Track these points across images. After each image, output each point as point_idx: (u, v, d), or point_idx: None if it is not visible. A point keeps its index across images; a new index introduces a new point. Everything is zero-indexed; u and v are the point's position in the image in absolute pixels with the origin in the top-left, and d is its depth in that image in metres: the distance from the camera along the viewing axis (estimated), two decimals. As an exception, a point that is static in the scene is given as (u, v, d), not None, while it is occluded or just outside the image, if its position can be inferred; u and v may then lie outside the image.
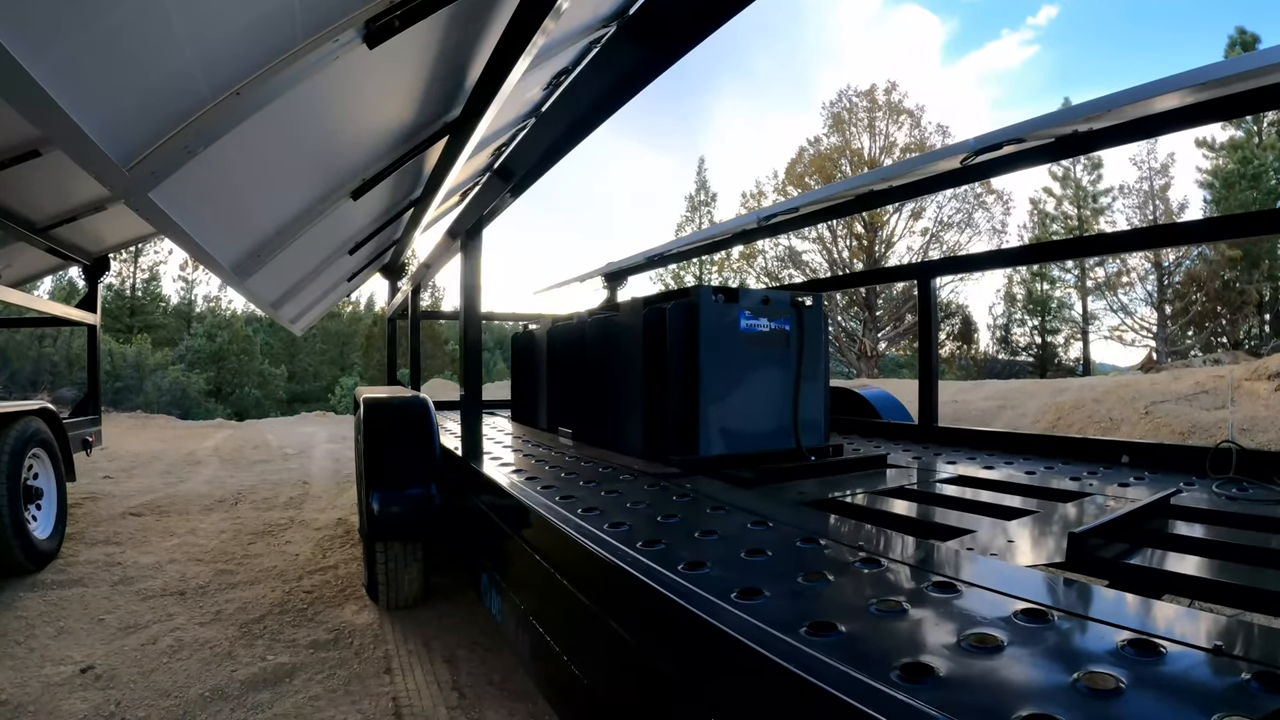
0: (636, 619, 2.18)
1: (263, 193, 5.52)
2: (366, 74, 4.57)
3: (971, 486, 3.88)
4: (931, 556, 2.28)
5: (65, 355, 40.19)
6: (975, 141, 4.75)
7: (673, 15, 2.11)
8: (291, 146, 5.15)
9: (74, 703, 4.67)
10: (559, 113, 2.92)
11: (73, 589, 6.85)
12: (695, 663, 1.86)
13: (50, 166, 7.34)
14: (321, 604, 6.28)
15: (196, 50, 3.24)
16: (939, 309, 11.40)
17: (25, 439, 7.28)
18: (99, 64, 2.85)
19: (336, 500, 11.36)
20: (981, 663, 1.47)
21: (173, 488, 12.80)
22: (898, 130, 48.75)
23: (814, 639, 1.61)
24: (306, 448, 18.70)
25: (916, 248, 47.64)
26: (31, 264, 11.45)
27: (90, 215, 9.46)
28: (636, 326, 4.72)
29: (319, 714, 4.44)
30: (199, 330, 54.91)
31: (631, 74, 2.44)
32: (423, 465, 5.27)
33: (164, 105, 3.35)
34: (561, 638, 2.82)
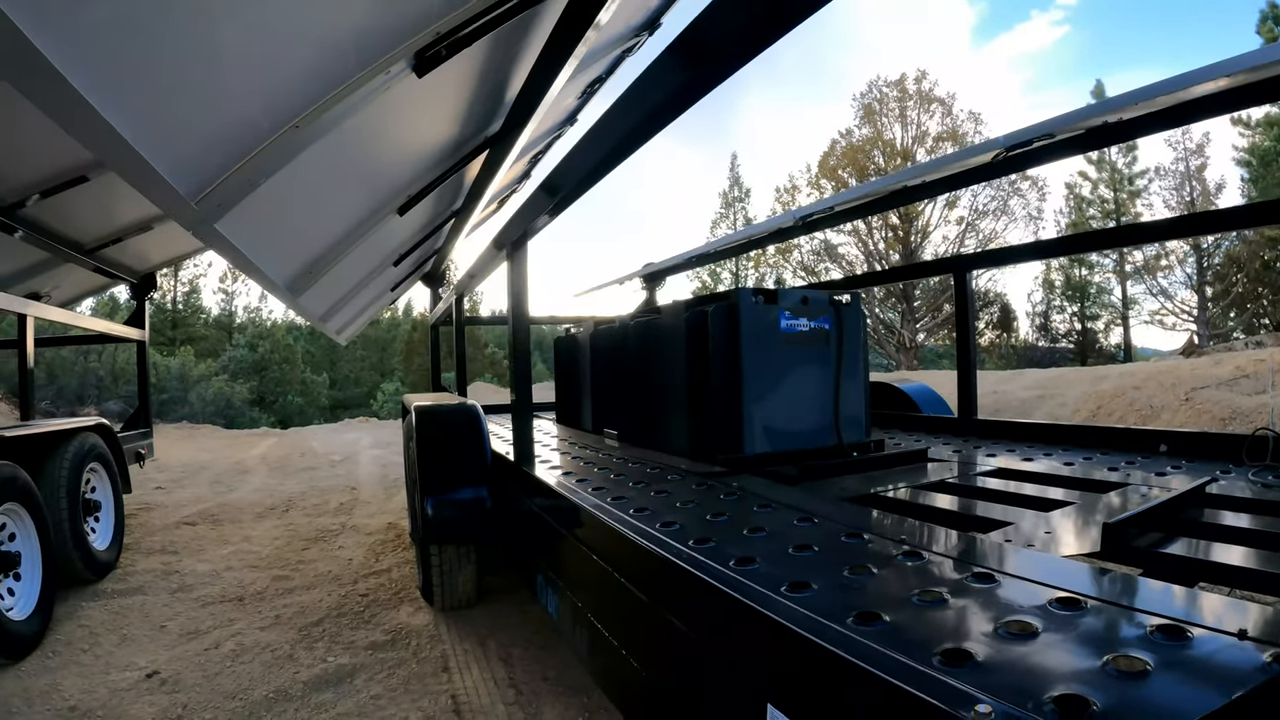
0: (693, 613, 2.27)
1: (315, 214, 5.67)
2: (414, 99, 4.71)
3: (1011, 479, 3.92)
4: (972, 549, 2.36)
5: (110, 369, 40.52)
6: (1006, 139, 4.81)
7: (719, 37, 2.17)
8: (342, 170, 5.29)
9: (142, 707, 4.80)
10: (605, 131, 2.96)
11: (133, 597, 7.00)
12: (751, 652, 1.95)
13: (98, 191, 7.54)
14: (377, 606, 6.40)
15: (260, 91, 3.40)
16: (977, 298, 11.35)
17: (83, 454, 7.47)
18: (172, 109, 3.01)
19: (385, 505, 11.50)
20: (1018, 648, 1.56)
21: (223, 496, 13.00)
22: (929, 119, 48.28)
23: (861, 628, 1.70)
24: (352, 454, 18.88)
25: (952, 237, 47.20)
26: (80, 283, 11.67)
27: (136, 235, 9.65)
28: (679, 329, 4.79)
29: (381, 712, 4.56)
30: (241, 341, 55.24)
31: (678, 94, 2.51)
32: (475, 470, 5.38)
33: (229, 143, 3.50)
34: (620, 633, 2.92)
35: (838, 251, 49.39)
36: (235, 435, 28.28)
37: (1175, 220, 10.29)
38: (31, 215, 7.92)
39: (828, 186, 49.39)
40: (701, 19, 2.14)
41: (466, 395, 8.20)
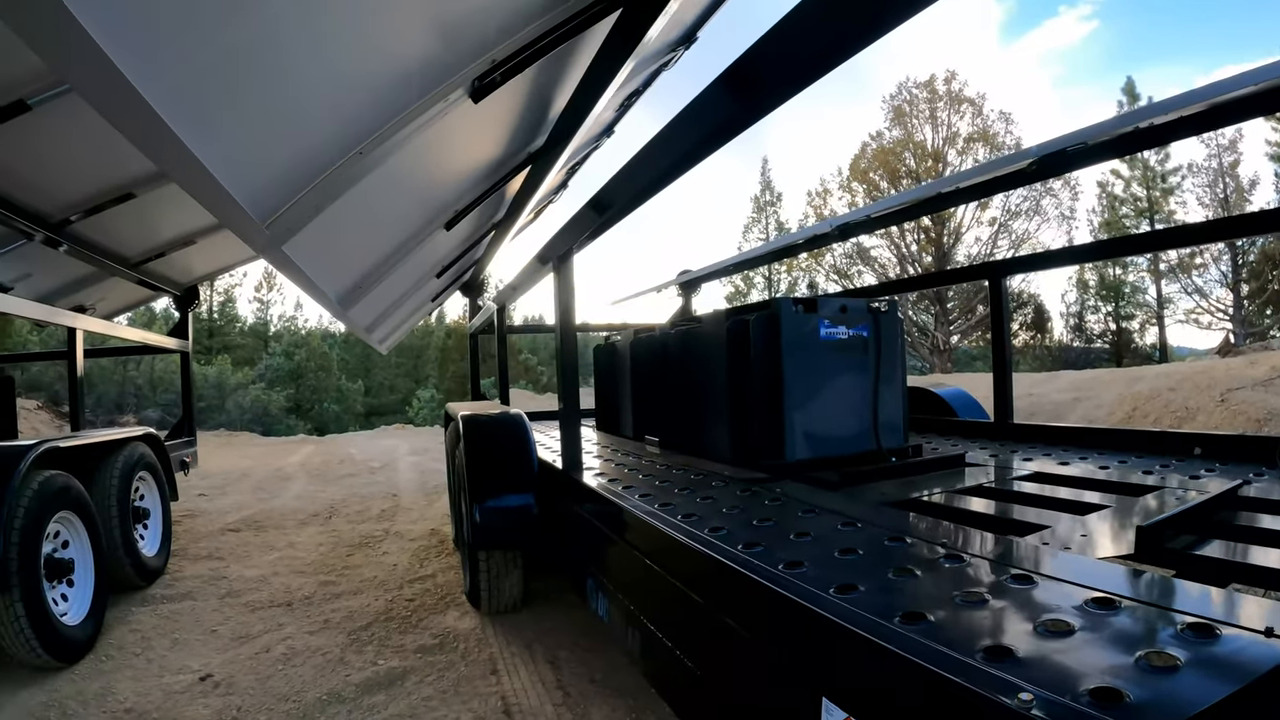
0: (748, 613, 2.36)
1: (369, 232, 5.80)
2: (466, 122, 4.83)
3: (1047, 483, 3.95)
4: (1010, 551, 2.43)
5: (149, 378, 40.87)
6: (1039, 149, 4.88)
7: (770, 70, 2.25)
8: (397, 191, 5.43)
9: (196, 709, 4.91)
10: (654, 155, 3.02)
11: (182, 602, 7.14)
12: (806, 649, 2.05)
13: (142, 207, 7.71)
14: (424, 611, 6.49)
15: (330, 120, 3.55)
16: (1011, 299, 11.39)
17: (133, 463, 7.64)
18: (251, 139, 3.15)
19: (427, 512, 11.58)
20: (1055, 645, 1.65)
21: (266, 503, 13.13)
22: (960, 120, 48.00)
23: (907, 627, 1.80)
24: (390, 461, 18.97)
25: (985, 238, 46.93)
26: (125, 296, 11.84)
27: (180, 250, 9.82)
28: (720, 338, 4.84)
29: (433, 713, 4.64)
30: (277, 349, 55.53)
31: (727, 123, 2.57)
32: (522, 477, 5.44)
33: (299, 169, 3.64)
34: (673, 633, 3.00)
35: (870, 254, 49.21)
36: (273, 442, 28.49)
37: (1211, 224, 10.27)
38: (79, 231, 8.09)
39: (859, 189, 49.24)
40: (753, 52, 2.22)
41: (509, 403, 8.31)
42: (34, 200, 7.25)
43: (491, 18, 4.01)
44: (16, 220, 7.15)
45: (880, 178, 48.42)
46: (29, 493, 5.45)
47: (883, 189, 47.91)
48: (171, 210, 8.62)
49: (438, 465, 17.22)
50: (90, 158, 6.87)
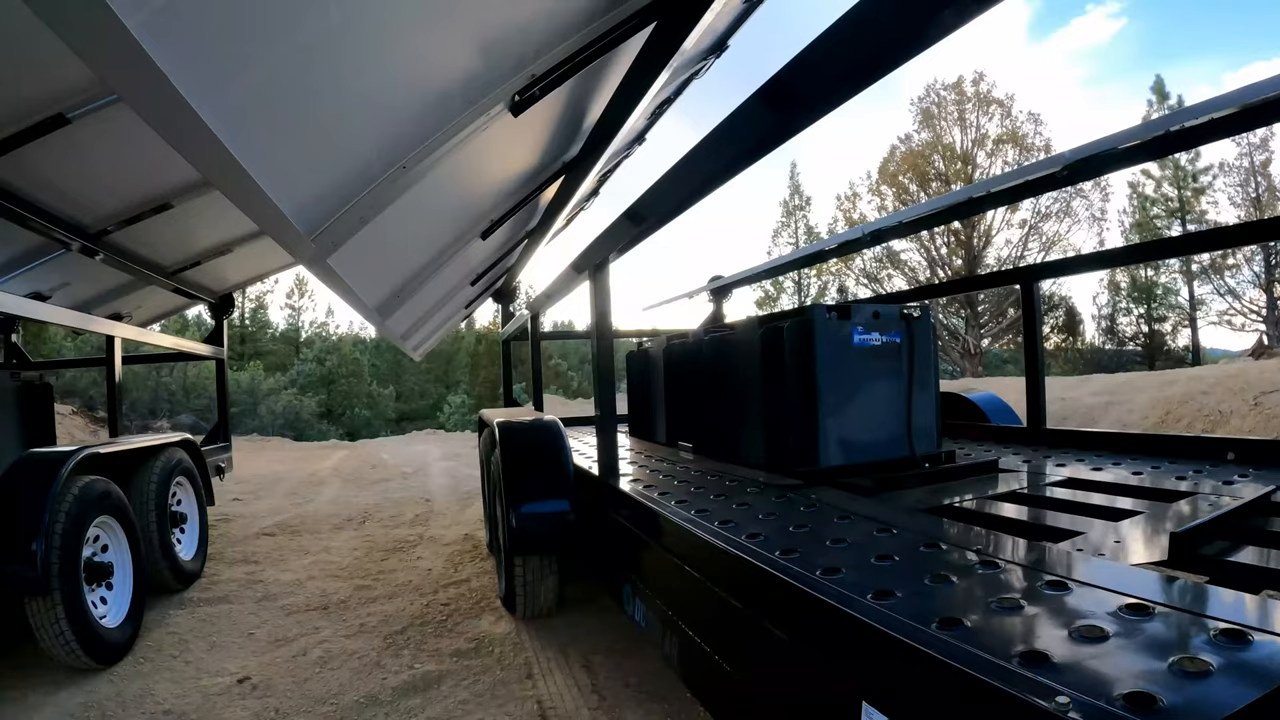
0: (787, 618, 2.39)
1: (408, 243, 5.87)
2: (505, 134, 4.90)
3: (1080, 489, 3.94)
4: (1044, 558, 2.45)
5: (182, 384, 41.11)
6: (1071, 154, 4.89)
7: (808, 86, 2.28)
8: (437, 202, 5.50)
9: (235, 711, 4.97)
10: (691, 168, 3.03)
11: (219, 605, 7.22)
12: (845, 653, 2.09)
13: (180, 217, 7.84)
14: (459, 615, 6.53)
15: (375, 137, 3.62)
16: (1042, 302, 11.24)
17: (170, 468, 7.75)
18: (300, 155, 3.22)
19: (460, 517, 11.62)
20: (1089, 650, 1.68)
21: (300, 508, 13.23)
22: (988, 121, 47.71)
23: (944, 632, 1.83)
24: (422, 466, 19.05)
25: (1015, 240, 46.65)
26: (161, 304, 12.03)
27: (216, 259, 9.93)
28: (754, 344, 4.86)
29: (469, 717, 4.68)
30: (309, 355, 55.90)
31: (766, 137, 2.59)
32: (558, 483, 5.47)
33: (345, 184, 3.72)
34: (711, 638, 3.03)
35: (900, 258, 49.00)
36: (306, 447, 28.60)
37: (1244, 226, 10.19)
38: (116, 240, 8.20)
39: (888, 193, 49.06)
40: (791, 67, 2.26)
41: (543, 409, 8.35)
42: (72, 211, 7.37)
43: (531, 34, 4.09)
44: (55, 231, 7.25)
45: (909, 181, 48.24)
46: (69, 498, 5.54)
47: (912, 192, 47.76)
48: (208, 220, 8.73)
49: (470, 470, 17.33)
50: (128, 169, 6.98)
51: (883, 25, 1.94)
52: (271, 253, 11.04)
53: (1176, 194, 45.68)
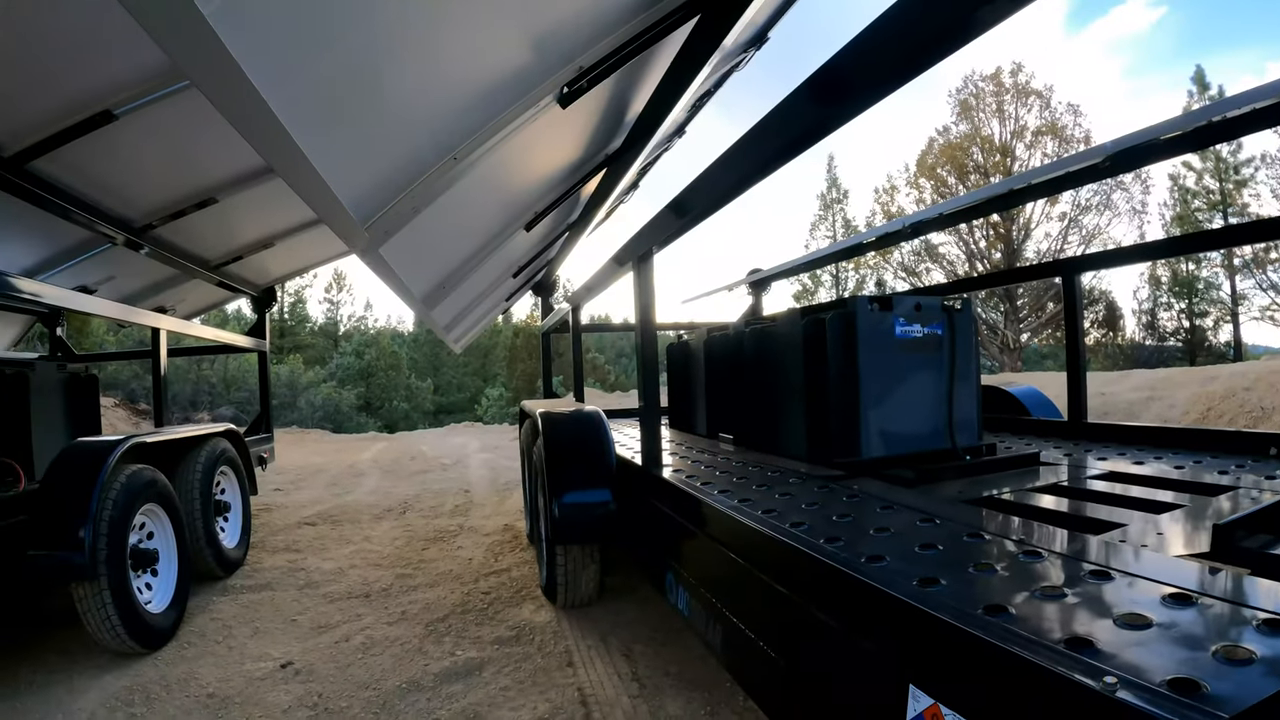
0: (833, 604, 2.42)
1: (455, 234, 5.93)
2: (552, 125, 4.95)
3: (1122, 482, 3.91)
4: (1086, 548, 2.47)
5: (222, 377, 41.50)
6: (1113, 145, 4.86)
7: (856, 76, 2.28)
8: (484, 193, 5.55)
9: (278, 695, 5.05)
10: (736, 159, 3.02)
11: (262, 593, 7.33)
12: (892, 638, 2.11)
13: (224, 211, 7.95)
14: (500, 604, 6.58)
15: (428, 127, 3.67)
16: (1082, 296, 11.02)
17: (215, 457, 7.88)
18: (357, 147, 3.28)
19: (500, 508, 11.67)
20: (1133, 637, 1.70)
21: (340, 498, 13.36)
22: (1027, 113, 47.22)
23: (990, 619, 1.86)
24: (461, 458, 19.15)
25: (1055, 234, 46.16)
26: (204, 298, 12.18)
27: (259, 252, 10.04)
28: (795, 336, 4.87)
29: (510, 703, 4.73)
30: (347, 348, 56.33)
31: (812, 129, 2.59)
32: (600, 473, 5.51)
33: (398, 174, 3.78)
34: (756, 625, 3.05)
35: (938, 251, 48.68)
36: (345, 439, 28.79)
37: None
38: (161, 235, 8.33)
39: (926, 186, 48.75)
40: (839, 58, 2.27)
41: (584, 400, 8.39)
42: (118, 206, 7.49)
43: (580, 27, 4.13)
44: (101, 225, 7.36)
45: (948, 173, 47.87)
46: (117, 486, 5.66)
47: (950, 185, 47.43)
48: (251, 214, 8.84)
49: (508, 462, 17.43)
50: (173, 164, 7.09)
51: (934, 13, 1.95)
52: (312, 246, 11.16)
53: (1218, 186, 45.12)
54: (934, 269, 48.53)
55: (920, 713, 1.91)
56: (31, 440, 6.80)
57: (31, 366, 7.18)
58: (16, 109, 5.60)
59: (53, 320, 11.00)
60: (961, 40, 1.97)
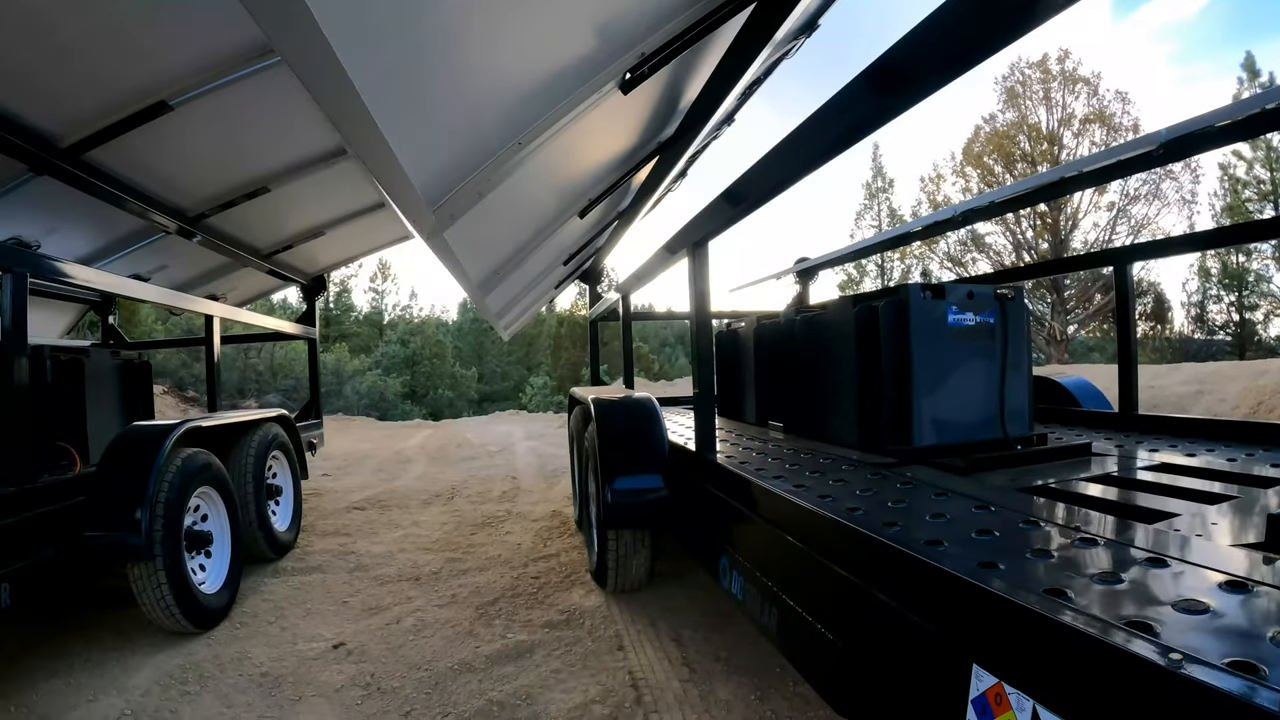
0: (897, 587, 2.44)
1: (513, 219, 5.97)
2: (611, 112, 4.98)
3: (1174, 473, 3.88)
4: (1141, 536, 2.48)
5: (269, 365, 41.86)
6: (1167, 133, 4.84)
7: (917, 65, 2.29)
8: (544, 179, 5.60)
9: (331, 675, 5.13)
10: (794, 151, 3.02)
11: (313, 575, 7.44)
12: (955, 619, 2.15)
13: (274, 201, 8.07)
14: (549, 588, 6.65)
15: (496, 113, 3.72)
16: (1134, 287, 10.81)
17: (267, 442, 7.99)
18: (430, 128, 3.34)
19: (547, 494, 11.75)
20: (1191, 621, 1.72)
21: (388, 484, 13.50)
22: (1074, 100, 46.67)
23: (1049, 600, 1.89)
24: (507, 445, 19.22)
25: (1103, 224, 45.62)
26: (254, 286, 12.44)
27: (307, 241, 10.19)
28: (847, 324, 4.89)
29: (562, 685, 4.79)
30: (392, 337, 56.70)
31: (869, 117, 2.60)
32: (653, 459, 5.53)
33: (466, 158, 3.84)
34: (815, 608, 3.07)
35: (985, 241, 48.29)
36: (391, 426, 28.97)
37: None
38: (213, 224, 8.50)
39: (972, 174, 48.36)
40: (899, 47, 2.29)
41: (633, 387, 8.43)
42: (172, 196, 7.65)
43: (645, 13, 4.17)
44: (155, 214, 7.49)
45: (994, 162, 47.45)
46: (173, 469, 5.76)
47: (997, 174, 47.03)
48: (303, 203, 8.96)
49: (554, 450, 17.51)
50: (227, 154, 7.22)
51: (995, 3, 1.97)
52: (361, 235, 11.31)
53: (1269, 176, 44.51)
54: (980, 259, 48.12)
55: (983, 692, 1.94)
56: (86, 425, 6.90)
57: (86, 353, 7.29)
58: (75, 100, 5.72)
59: (105, 308, 11.17)
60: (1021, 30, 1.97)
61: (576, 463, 8.51)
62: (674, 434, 6.09)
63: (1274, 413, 16.01)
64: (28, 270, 5.17)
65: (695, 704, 4.49)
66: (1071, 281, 44.77)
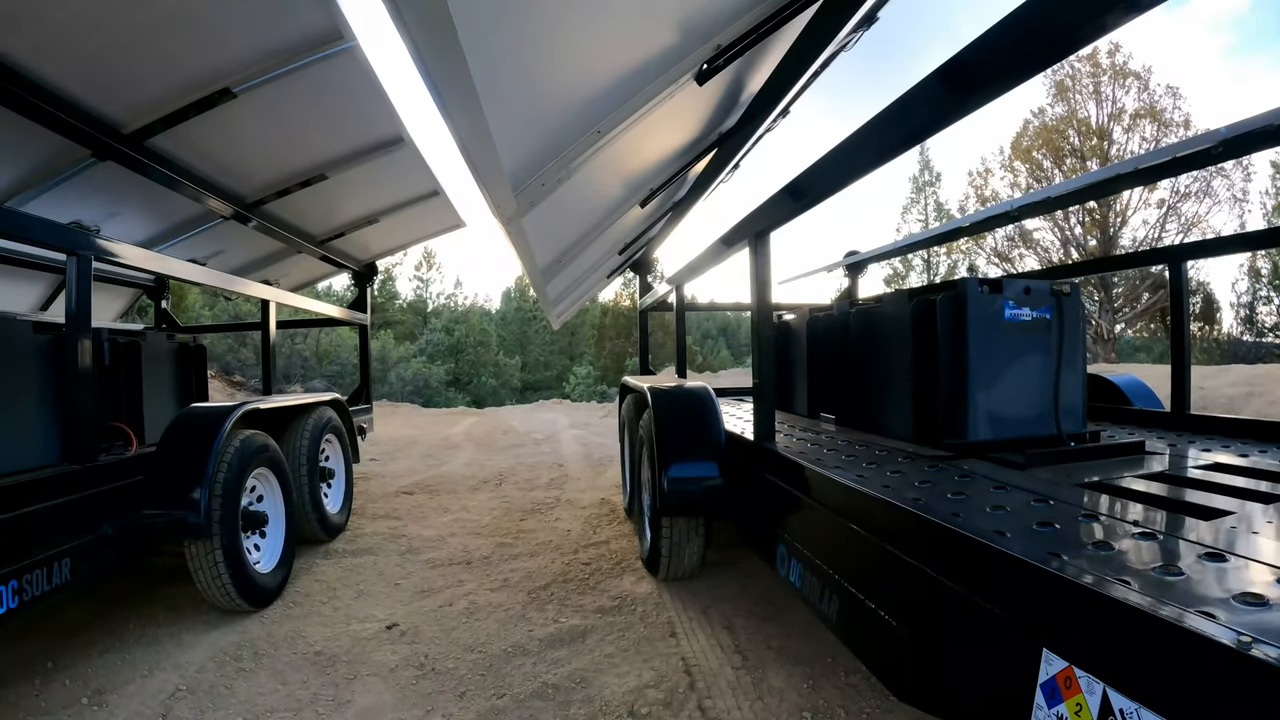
0: (963, 573, 2.48)
1: (581, 207, 6.05)
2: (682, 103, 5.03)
3: (1227, 473, 3.85)
4: (1199, 532, 2.51)
5: (315, 351, 42.22)
6: (1227, 130, 4.81)
7: (991, 66, 2.31)
8: (615, 168, 5.67)
9: (384, 655, 5.22)
10: (859, 147, 3.11)
11: (364, 557, 7.54)
12: (1024, 605, 2.19)
13: (330, 188, 8.18)
14: (600, 575, 6.71)
15: (579, 102, 3.79)
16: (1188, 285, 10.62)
17: (321, 426, 8.10)
18: (523, 115, 3.41)
19: (595, 482, 11.83)
20: (1254, 613, 1.76)
21: (435, 469, 13.63)
22: (1125, 95, 46.11)
23: (1118, 587, 1.93)
24: (552, 433, 19.34)
25: (1152, 221, 45.10)
26: (307, 272, 12.60)
27: (360, 229, 10.31)
28: (904, 317, 4.90)
29: (615, 669, 4.85)
30: (437, 325, 57.01)
31: (937, 116, 2.63)
32: (709, 447, 5.56)
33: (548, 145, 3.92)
34: (878, 595, 3.10)
35: (1033, 237, 47.87)
36: (436, 413, 29.11)
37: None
38: (270, 210, 8.63)
39: (1021, 169, 47.93)
40: (975, 47, 2.31)
41: (685, 377, 8.47)
42: (230, 182, 7.77)
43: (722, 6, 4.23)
44: (213, 200, 7.61)
45: (1044, 156, 47.00)
46: (231, 450, 5.89)
47: (1045, 169, 46.60)
48: (358, 191, 9.07)
49: (599, 439, 17.62)
50: (286, 143, 7.33)
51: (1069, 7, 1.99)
52: (413, 223, 11.42)
53: (1322, 173, 43.90)
54: (1028, 254, 47.72)
55: (1053, 676, 1.98)
56: (142, 407, 7.00)
57: (143, 336, 7.38)
58: (139, 87, 5.82)
59: (158, 293, 11.29)
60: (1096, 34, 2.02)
61: (628, 451, 8.57)
62: (730, 424, 6.12)
63: (1326, 415, 15.81)
64: (91, 253, 5.26)
65: (748, 691, 4.52)
66: (1120, 280, 44.31)
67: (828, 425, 6.16)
